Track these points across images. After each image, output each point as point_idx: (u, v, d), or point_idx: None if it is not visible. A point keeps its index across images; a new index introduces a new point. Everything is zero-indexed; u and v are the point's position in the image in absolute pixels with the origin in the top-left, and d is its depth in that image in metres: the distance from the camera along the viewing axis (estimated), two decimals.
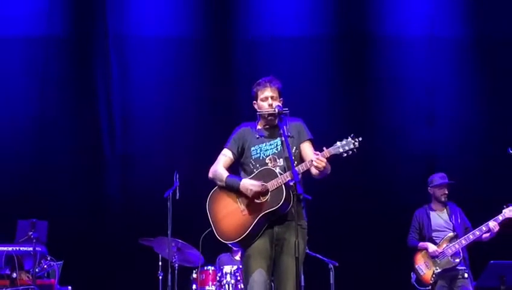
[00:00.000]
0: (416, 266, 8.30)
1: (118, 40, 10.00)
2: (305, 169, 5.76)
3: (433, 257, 8.21)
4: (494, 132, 9.64)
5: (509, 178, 7.16)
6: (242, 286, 7.35)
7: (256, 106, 6.11)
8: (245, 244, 5.89)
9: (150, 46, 10.05)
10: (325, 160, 5.65)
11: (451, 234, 8.25)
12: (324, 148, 5.73)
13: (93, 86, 9.94)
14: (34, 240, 7.52)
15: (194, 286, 8.32)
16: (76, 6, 10.04)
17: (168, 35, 10.09)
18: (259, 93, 6.07)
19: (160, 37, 10.08)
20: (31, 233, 7.64)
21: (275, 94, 6.02)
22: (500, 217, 7.87)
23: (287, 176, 5.70)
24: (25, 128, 9.75)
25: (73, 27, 10.04)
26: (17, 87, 9.84)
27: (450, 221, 8.34)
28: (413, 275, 8.31)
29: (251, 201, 5.88)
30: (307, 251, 6.39)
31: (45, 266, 7.80)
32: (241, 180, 5.91)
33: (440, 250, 8.17)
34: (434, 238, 8.29)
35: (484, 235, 8.05)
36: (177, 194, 7.91)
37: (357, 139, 5.72)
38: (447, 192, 8.38)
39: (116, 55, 9.98)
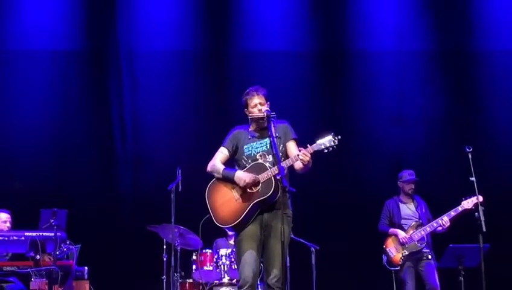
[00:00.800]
0: (387, 249, 8.31)
1: (128, 54, 9.99)
2: (290, 164, 5.81)
3: (401, 242, 8.23)
4: (454, 132, 9.70)
5: (467, 173, 7.15)
6: (235, 267, 7.35)
7: (247, 112, 6.13)
8: (238, 228, 5.93)
9: (155, 59, 10.04)
10: (309, 155, 5.69)
11: (417, 222, 8.28)
12: (308, 145, 5.76)
13: (107, 94, 9.94)
14: (55, 227, 7.49)
15: (194, 267, 8.30)
16: (93, 24, 9.99)
17: (171, 49, 10.08)
18: (248, 101, 6.11)
19: (164, 51, 10.07)
20: (52, 221, 7.62)
21: (262, 100, 6.06)
22: (460, 208, 7.91)
23: (276, 170, 5.73)
24: (48, 130, 9.73)
25: (90, 43, 10.02)
26: (42, 93, 9.82)
27: (417, 211, 8.38)
28: (384, 257, 8.33)
29: (244, 191, 5.91)
30: (292, 236, 6.38)
31: (65, 249, 7.79)
32: (235, 172, 5.96)
33: (408, 236, 8.20)
34: (402, 225, 8.32)
35: (438, 228, 8.11)
36: (180, 187, 7.94)
37: (336, 137, 5.76)
38: (413, 187, 8.43)
39: (127, 67, 9.97)
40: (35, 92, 9.79)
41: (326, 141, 5.77)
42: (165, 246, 8.21)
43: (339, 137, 5.76)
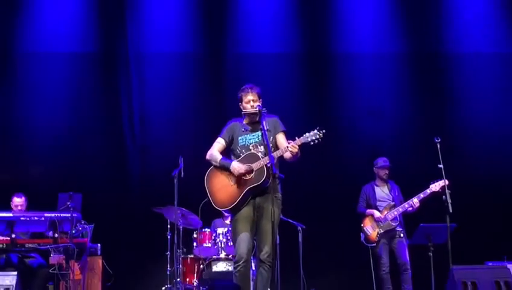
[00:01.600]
0: (364, 228, 8.34)
1: (136, 56, 9.95)
2: (280, 154, 5.87)
3: (377, 221, 8.25)
4: (424, 125, 9.67)
5: (435, 160, 7.18)
6: (231, 244, 7.35)
7: (241, 107, 6.18)
8: (234, 211, 5.98)
9: (160, 60, 10.00)
10: (297, 147, 5.73)
11: (390, 203, 8.32)
12: (296, 137, 5.81)
13: (117, 92, 9.91)
14: (71, 209, 7.48)
15: (194, 244, 8.32)
16: (105, 28, 9.93)
17: (174, 51, 10.03)
18: (243, 97, 6.16)
19: (168, 53, 10.02)
20: (68, 203, 7.61)
21: (255, 97, 6.10)
22: (428, 191, 7.95)
23: (267, 159, 5.78)
24: (66, 123, 9.69)
25: (102, 45, 9.97)
26: (60, 91, 9.77)
27: (390, 194, 8.43)
28: (362, 235, 8.37)
29: (239, 178, 5.96)
30: (281, 216, 6.40)
31: (80, 229, 7.77)
32: (231, 162, 5.97)
33: (382, 216, 8.23)
34: (378, 207, 8.36)
35: (409, 209, 8.13)
36: (182, 173, 7.93)
37: (322, 131, 5.80)
38: (387, 172, 8.48)
39: (135, 68, 9.93)
40: (54, 90, 9.74)
41: (312, 134, 5.84)
42: (169, 226, 8.19)
43: (324, 131, 5.82)
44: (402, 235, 8.24)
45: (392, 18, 10.23)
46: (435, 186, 7.86)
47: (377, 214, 8.28)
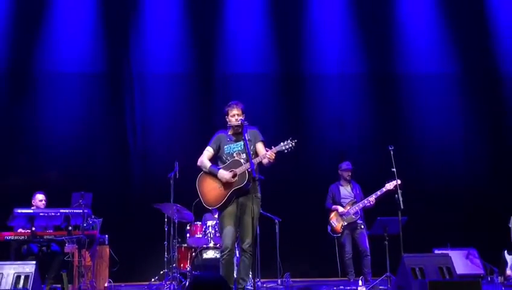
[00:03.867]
0: (331, 221, 8.38)
1: (138, 76, 9.93)
2: (259, 161, 5.93)
3: (341, 215, 8.30)
4: (381, 134, 9.70)
5: (389, 164, 7.26)
6: (219, 235, 7.39)
7: (227, 120, 6.21)
8: (221, 208, 6.04)
9: (159, 80, 9.97)
10: (274, 154, 5.78)
11: (352, 200, 8.35)
12: (272, 146, 5.88)
13: (122, 106, 9.88)
14: (83, 205, 7.48)
15: (187, 235, 8.30)
16: (112, 52, 9.89)
17: (169, 72, 10.00)
18: (229, 111, 6.19)
19: (166, 73, 9.99)
20: (80, 201, 7.60)
21: (239, 112, 6.14)
22: (384, 189, 7.96)
23: (248, 165, 5.83)
24: (78, 133, 9.65)
25: (109, 66, 9.92)
26: (73, 106, 9.73)
27: (352, 192, 8.45)
28: (328, 227, 8.40)
29: (226, 181, 5.97)
30: (261, 211, 6.45)
31: (90, 222, 7.79)
32: (218, 170, 6.03)
33: (346, 211, 8.27)
34: (342, 203, 8.39)
35: (367, 205, 8.17)
36: (177, 175, 7.98)
37: (294, 141, 5.87)
38: (350, 174, 8.51)
39: (138, 86, 9.90)
40: (68, 105, 9.69)
41: (286, 144, 5.90)
42: (165, 219, 8.19)
43: (295, 140, 5.88)
44: (363, 226, 8.27)
45: (353, 43, 10.22)
46: (389, 185, 7.87)
47: (340, 209, 8.31)
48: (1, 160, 9.37)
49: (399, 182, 7.67)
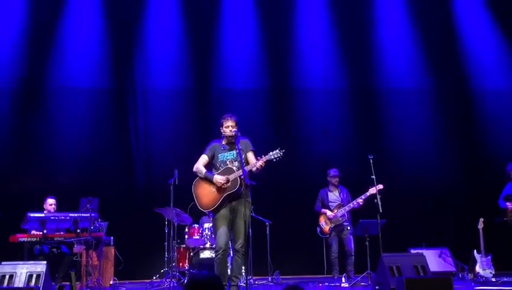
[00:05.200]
0: (320, 223, 8.39)
1: (141, 90, 9.96)
2: (250, 168, 5.94)
3: (329, 218, 8.30)
4: (362, 144, 9.67)
5: (368, 172, 7.30)
6: (214, 236, 7.38)
7: (222, 130, 6.23)
8: (215, 211, 6.04)
9: (160, 94, 9.98)
10: (263, 163, 5.79)
11: (339, 204, 8.35)
12: (262, 155, 5.89)
13: (126, 118, 9.90)
14: (90, 210, 7.49)
15: (186, 236, 8.31)
16: (117, 68, 9.91)
17: (169, 87, 10.01)
18: (224, 123, 6.21)
19: (166, 89, 10.00)
20: (88, 205, 7.61)
21: (233, 124, 6.16)
22: (368, 193, 7.94)
23: (240, 172, 5.86)
24: (86, 142, 9.63)
25: (115, 82, 9.93)
26: (81, 118, 9.75)
27: (339, 197, 8.46)
28: (318, 229, 8.41)
29: (219, 186, 5.98)
30: (252, 214, 6.45)
31: (97, 225, 7.79)
32: (213, 176, 6.02)
33: (333, 214, 8.28)
34: (330, 206, 8.40)
35: (356, 206, 8.16)
36: (176, 182, 7.95)
37: (282, 151, 5.89)
38: (338, 180, 8.52)
39: (141, 99, 9.93)
40: (77, 117, 9.69)
41: (274, 153, 5.91)
42: (166, 222, 8.17)
43: (283, 150, 5.89)
44: (349, 228, 8.28)
45: (336, 61, 10.25)
46: (373, 190, 7.86)
47: (329, 213, 8.31)
48: (16, 167, 9.38)
49: (381, 187, 7.71)
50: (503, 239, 8.20)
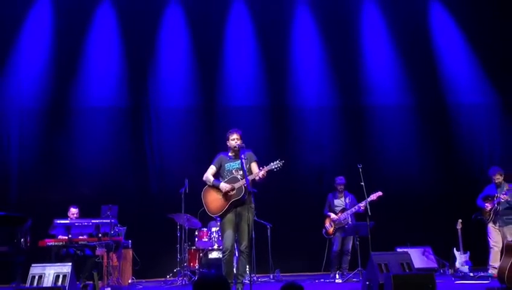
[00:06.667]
0: (325, 225, 8.40)
1: (155, 109, 9.93)
2: (253, 178, 5.95)
3: (334, 221, 8.30)
4: (352, 155, 9.54)
5: (358, 179, 7.30)
6: (221, 238, 7.39)
7: (228, 143, 6.23)
8: (222, 216, 6.06)
9: (172, 112, 9.95)
10: (265, 172, 5.82)
11: (343, 208, 8.35)
12: (264, 166, 5.90)
13: (142, 134, 9.84)
14: (110, 216, 7.51)
15: (196, 239, 8.32)
16: (133, 89, 9.90)
17: (181, 105, 9.96)
18: (229, 136, 6.23)
19: (177, 107, 9.96)
20: (108, 212, 7.63)
21: (238, 137, 6.17)
22: (368, 199, 7.79)
23: (244, 181, 5.85)
24: (106, 156, 9.58)
25: (131, 101, 9.91)
26: (101, 135, 9.65)
27: (344, 201, 8.43)
28: (323, 230, 8.42)
29: (225, 194, 6.00)
30: (255, 218, 6.45)
31: (116, 230, 7.78)
32: (220, 183, 6.02)
33: (337, 217, 8.28)
34: (335, 210, 8.40)
35: (359, 210, 8.12)
36: (187, 190, 7.99)
37: (281, 161, 5.93)
38: (342, 187, 8.50)
39: (155, 117, 9.90)
40: (97, 134, 9.67)
41: (275, 164, 5.93)
42: (178, 227, 8.21)
43: (283, 161, 5.91)
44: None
45: (329, 82, 10.22)
46: (373, 196, 7.88)
47: (333, 215, 8.33)
48: (44, 180, 9.37)
49: (380, 193, 7.75)
50: (480, 237, 8.20)
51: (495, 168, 8.17)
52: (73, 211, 8.05)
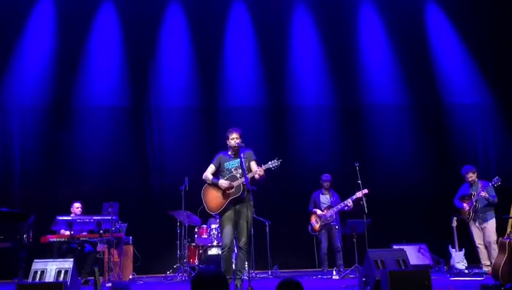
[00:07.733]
0: (311, 222, 8.40)
1: (156, 108, 9.93)
2: (252, 176, 5.94)
3: (319, 217, 8.29)
4: (349, 154, 9.57)
5: (355, 177, 7.30)
6: (220, 235, 7.39)
7: (228, 142, 6.21)
8: (221, 214, 6.04)
9: (172, 111, 9.96)
10: (263, 171, 5.81)
11: (329, 205, 8.36)
12: (262, 165, 5.89)
13: (143, 133, 9.85)
14: (111, 213, 7.51)
15: (195, 235, 8.32)
16: (134, 88, 9.91)
17: (180, 105, 9.98)
18: (229, 135, 6.20)
19: (177, 107, 9.98)
20: (109, 209, 7.64)
21: (238, 136, 6.14)
22: (354, 197, 7.97)
23: (243, 179, 5.85)
24: (107, 155, 9.60)
25: (133, 101, 9.92)
26: (104, 131, 9.71)
27: (330, 199, 8.45)
28: (309, 227, 8.41)
29: (224, 192, 5.99)
30: (254, 215, 6.44)
31: (117, 226, 7.79)
32: (219, 181, 6.03)
33: (323, 214, 8.27)
34: (321, 207, 8.38)
35: (346, 207, 8.18)
36: (187, 188, 7.99)
37: (279, 160, 5.93)
38: (328, 184, 8.53)
39: (156, 116, 9.90)
40: (99, 132, 9.67)
41: (273, 162, 5.92)
42: (178, 223, 8.20)
43: (281, 160, 5.90)
44: (337, 227, 8.29)
45: (326, 81, 10.22)
46: (359, 193, 7.88)
47: (319, 212, 8.32)
48: (47, 176, 9.37)
49: (366, 191, 7.72)
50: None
51: (467, 167, 8.13)
52: (77, 205, 8.08)
